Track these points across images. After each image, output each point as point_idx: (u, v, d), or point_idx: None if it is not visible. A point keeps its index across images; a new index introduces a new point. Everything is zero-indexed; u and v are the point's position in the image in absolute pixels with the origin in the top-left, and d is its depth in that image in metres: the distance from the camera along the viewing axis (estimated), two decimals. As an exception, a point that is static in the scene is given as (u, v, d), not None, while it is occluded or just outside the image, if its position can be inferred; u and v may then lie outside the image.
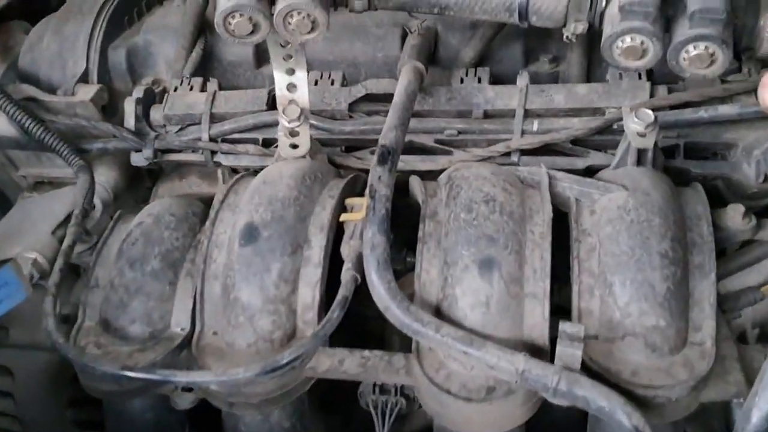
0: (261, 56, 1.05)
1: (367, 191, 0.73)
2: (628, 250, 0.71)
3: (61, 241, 0.92)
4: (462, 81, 0.92)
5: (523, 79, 0.89)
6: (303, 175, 0.81)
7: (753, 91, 0.86)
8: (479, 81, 0.92)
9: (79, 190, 0.90)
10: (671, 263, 0.71)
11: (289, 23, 0.73)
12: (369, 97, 0.94)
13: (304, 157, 0.85)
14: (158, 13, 1.11)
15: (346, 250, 0.75)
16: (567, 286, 0.75)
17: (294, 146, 0.84)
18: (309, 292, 0.74)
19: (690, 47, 0.64)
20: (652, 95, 0.86)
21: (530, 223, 0.75)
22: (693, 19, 0.62)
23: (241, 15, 0.72)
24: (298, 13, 0.72)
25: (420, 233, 0.76)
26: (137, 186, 1.07)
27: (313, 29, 0.74)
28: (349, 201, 0.80)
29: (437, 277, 0.73)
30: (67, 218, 0.94)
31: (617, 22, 0.66)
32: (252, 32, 0.74)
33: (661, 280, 0.70)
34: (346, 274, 0.72)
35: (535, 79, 0.93)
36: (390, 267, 0.70)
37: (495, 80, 0.94)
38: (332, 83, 0.96)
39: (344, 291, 0.71)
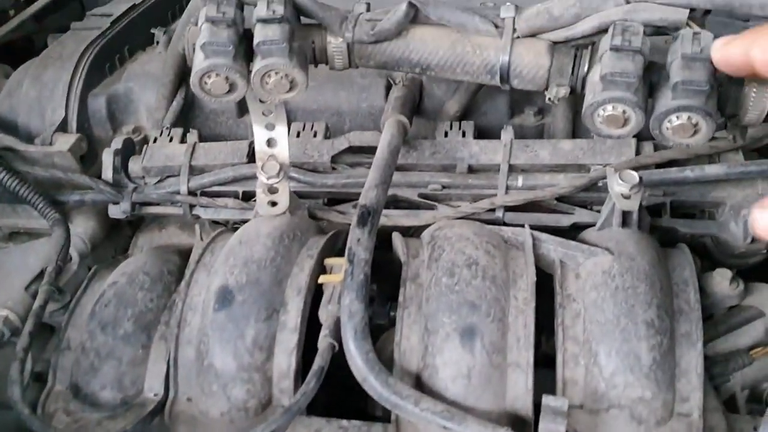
0: (243, 105, 1.03)
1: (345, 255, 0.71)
2: (613, 319, 0.70)
3: (34, 297, 0.90)
4: (446, 134, 0.91)
5: (507, 134, 0.88)
6: (281, 234, 0.79)
7: (739, 149, 0.85)
8: (464, 135, 0.90)
9: (53, 246, 0.87)
10: (657, 332, 0.69)
11: (267, 83, 0.71)
12: (352, 149, 0.92)
13: (283, 214, 0.83)
14: (140, 60, 1.10)
15: (324, 315, 0.73)
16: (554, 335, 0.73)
17: (273, 203, 0.82)
18: (285, 359, 0.72)
19: (673, 117, 0.62)
20: (637, 152, 0.85)
21: (514, 288, 0.73)
22: (676, 90, 0.60)
23: (217, 75, 0.70)
24: (276, 73, 0.71)
25: (400, 297, 0.74)
26: (116, 235, 1.04)
27: (291, 89, 0.72)
28: (328, 261, 0.78)
29: (417, 345, 0.71)
30: (42, 273, 0.92)
31: (599, 90, 0.64)
32: (228, 91, 0.72)
33: (647, 351, 0.68)
34: (323, 341, 0.70)
35: (520, 132, 0.92)
36: (368, 335, 0.67)
37: (480, 133, 0.93)
38: (315, 135, 0.94)
39: (320, 360, 0.68)
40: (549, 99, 0.74)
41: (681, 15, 0.67)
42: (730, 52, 0.57)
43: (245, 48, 0.71)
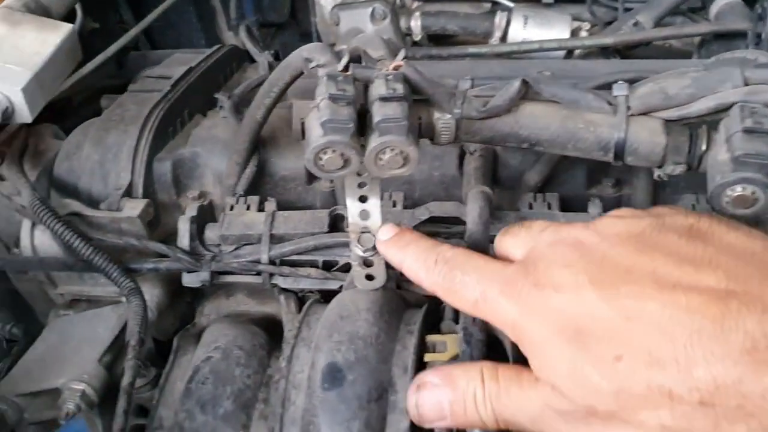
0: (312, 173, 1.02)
1: (460, 336, 0.70)
2: None
3: (108, 369, 0.88)
4: (531, 206, 0.91)
5: (595, 208, 0.88)
6: (380, 309, 0.78)
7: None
8: (549, 207, 0.90)
9: (132, 317, 0.84)
10: None
11: (381, 159, 0.71)
12: (433, 220, 0.91)
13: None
14: (204, 124, 1.08)
15: (436, 396, 0.71)
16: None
17: (369, 277, 0.81)
18: (397, 441, 0.70)
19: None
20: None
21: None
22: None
23: (333, 151, 0.70)
24: (391, 150, 0.70)
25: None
26: (178, 302, 1.02)
27: (403, 165, 0.72)
28: (430, 338, 0.76)
29: None
30: (113, 344, 0.90)
31: (728, 171, 0.65)
32: (342, 167, 0.71)
33: None
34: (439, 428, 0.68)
35: (598, 204, 0.92)
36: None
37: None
38: (394, 204, 0.93)
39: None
40: (659, 176, 0.74)
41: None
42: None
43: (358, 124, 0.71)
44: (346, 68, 0.77)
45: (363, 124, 0.71)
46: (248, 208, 0.94)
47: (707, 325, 0.46)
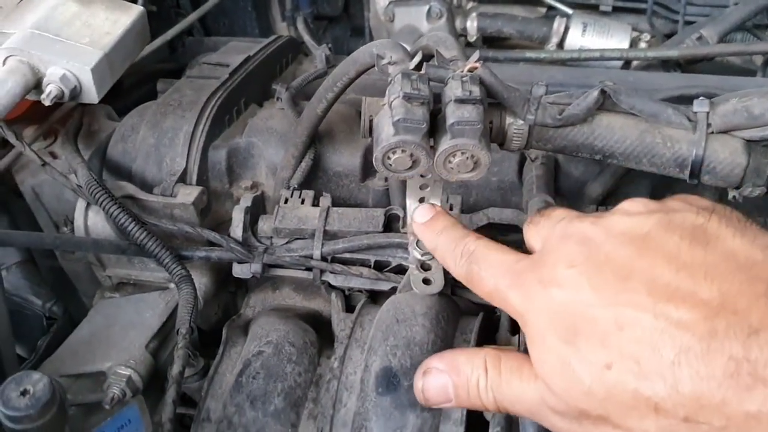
0: (367, 169, 1.01)
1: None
2: None
3: (154, 355, 0.87)
4: (591, 218, 0.88)
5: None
6: (436, 315, 0.76)
7: None
8: (611, 220, 0.88)
9: (184, 305, 0.83)
10: None
11: (450, 162, 0.69)
12: (490, 226, 0.90)
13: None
14: (261, 115, 1.07)
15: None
16: None
17: (426, 281, 0.79)
18: (449, 453, 0.68)
19: None
20: None
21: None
22: None
23: (403, 151, 0.68)
24: (462, 153, 0.68)
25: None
26: (223, 292, 1.01)
27: (473, 169, 0.70)
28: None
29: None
30: (160, 330, 0.89)
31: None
32: (410, 167, 0.70)
33: None
34: (495, 434, 0.67)
35: (661, 221, 0.89)
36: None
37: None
38: (451, 208, 0.91)
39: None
40: (734, 197, 0.72)
41: None
42: None
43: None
44: (418, 67, 0.75)
45: (433, 125, 0.69)
46: (302, 202, 0.93)
47: (695, 344, 0.47)
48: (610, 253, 0.54)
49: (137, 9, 0.88)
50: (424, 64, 0.72)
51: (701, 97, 0.72)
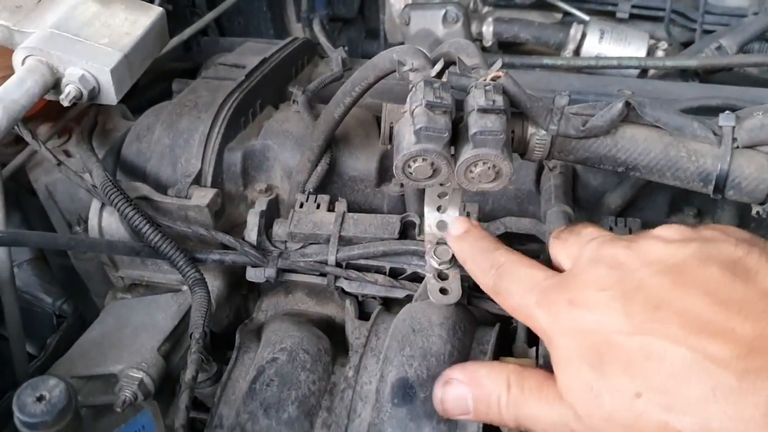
0: (383, 174, 1.00)
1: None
2: None
3: (165, 358, 0.86)
4: (611, 230, 0.87)
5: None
6: (453, 325, 0.75)
7: None
8: (630, 232, 0.87)
9: (197, 309, 0.83)
10: None
11: (472, 171, 0.68)
12: (507, 235, 0.89)
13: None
14: (277, 117, 1.07)
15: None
16: None
17: (444, 291, 0.78)
18: (465, 465, 0.67)
19: None
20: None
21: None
22: None
23: (424, 160, 0.67)
24: (484, 163, 0.68)
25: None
26: (235, 295, 1.01)
27: (494, 179, 0.69)
28: (504, 361, 0.74)
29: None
30: (172, 333, 0.89)
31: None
32: (431, 176, 0.69)
33: None
34: (512, 452, 0.66)
35: (680, 234, 0.88)
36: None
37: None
38: (468, 215, 0.90)
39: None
40: (758, 212, 0.71)
41: None
42: None
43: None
44: (440, 74, 0.75)
45: (454, 134, 0.68)
46: (318, 207, 0.92)
47: (726, 381, 0.46)
48: (643, 280, 0.53)
49: (157, 10, 0.87)
50: (446, 71, 0.72)
51: (726, 111, 0.71)
